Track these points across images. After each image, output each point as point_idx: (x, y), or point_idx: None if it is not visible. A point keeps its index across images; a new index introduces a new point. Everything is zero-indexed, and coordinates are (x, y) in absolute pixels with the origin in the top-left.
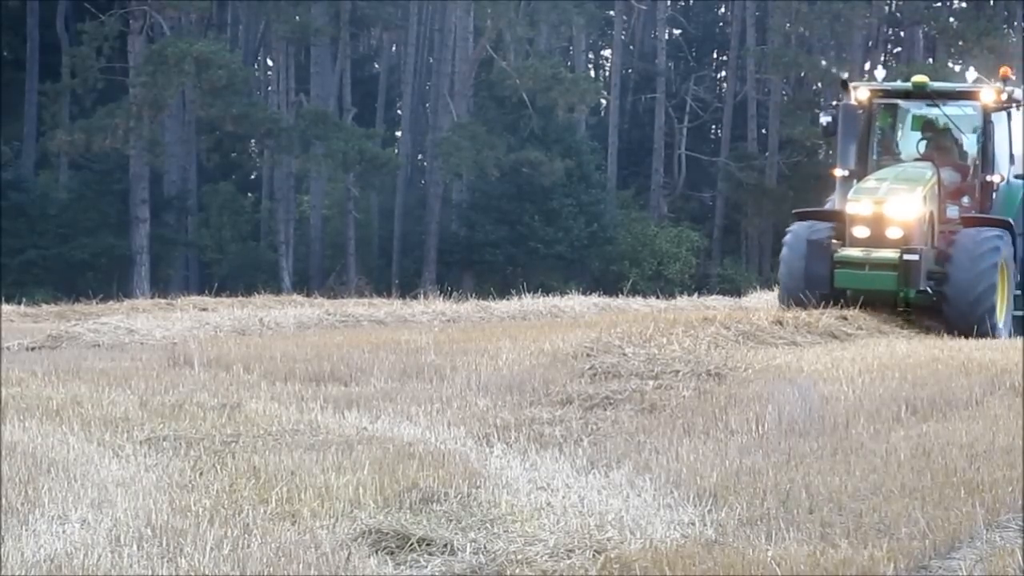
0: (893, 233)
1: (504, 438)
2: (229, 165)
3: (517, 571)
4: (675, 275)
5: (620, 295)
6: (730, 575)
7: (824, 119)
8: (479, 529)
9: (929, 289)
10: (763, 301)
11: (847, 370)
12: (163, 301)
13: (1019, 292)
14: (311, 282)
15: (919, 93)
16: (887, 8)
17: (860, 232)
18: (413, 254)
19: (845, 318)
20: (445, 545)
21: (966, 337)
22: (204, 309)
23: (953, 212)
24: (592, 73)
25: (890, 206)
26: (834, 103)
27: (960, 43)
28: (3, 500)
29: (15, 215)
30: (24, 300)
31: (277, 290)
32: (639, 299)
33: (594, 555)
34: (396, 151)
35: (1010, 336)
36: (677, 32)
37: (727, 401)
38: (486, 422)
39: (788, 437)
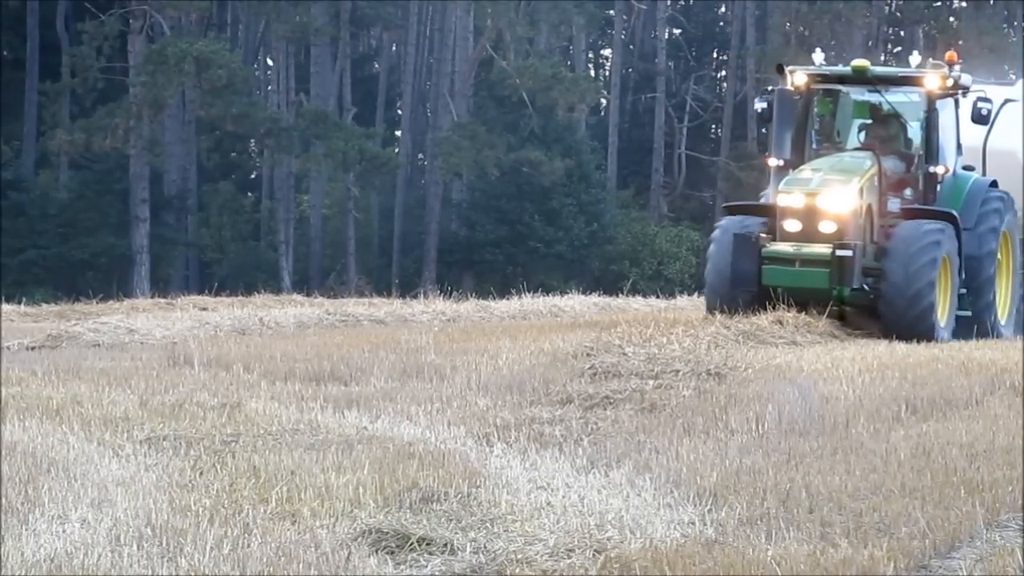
0: (826, 227)
1: (504, 438)
2: (229, 165)
3: (517, 571)
4: (675, 275)
5: (620, 295)
6: (730, 575)
7: (759, 105)
8: (479, 529)
9: (866, 287)
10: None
11: (847, 370)
12: (163, 301)
13: (964, 291)
14: (311, 282)
15: (859, 78)
16: (887, 8)
17: (791, 226)
18: (413, 254)
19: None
20: (445, 545)
21: (905, 340)
22: (204, 309)
23: (895, 205)
24: (592, 73)
25: (823, 198)
26: (769, 88)
27: (960, 43)
28: (3, 500)
29: (15, 215)
30: (24, 300)
31: (277, 290)
32: (639, 299)
33: (594, 555)
34: (396, 151)
35: (951, 338)
36: (677, 32)
37: (727, 401)
38: (486, 422)
39: (788, 437)
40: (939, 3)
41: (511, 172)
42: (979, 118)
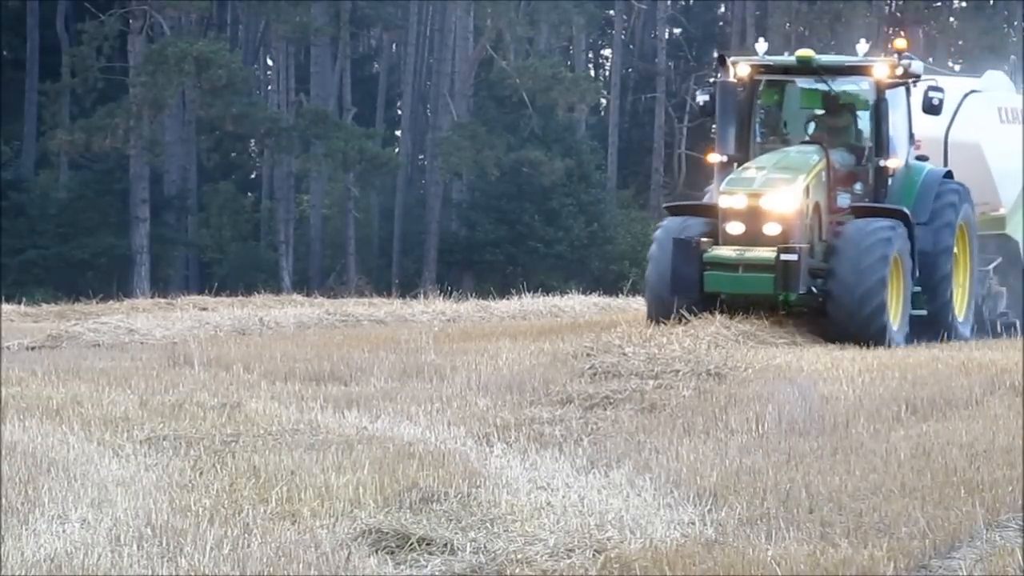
0: (770, 229)
1: (504, 438)
2: (229, 165)
3: (517, 571)
4: None
5: (620, 295)
6: (730, 575)
7: (700, 98)
8: (479, 529)
9: (814, 289)
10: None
11: (847, 370)
12: (163, 301)
13: (918, 289)
14: (311, 282)
15: (804, 68)
16: (887, 8)
17: (734, 229)
18: (413, 254)
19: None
20: (445, 545)
21: (858, 344)
22: (204, 309)
23: (845, 200)
24: (592, 73)
25: (767, 199)
26: (711, 80)
27: (960, 43)
28: (3, 500)
29: (15, 215)
30: (24, 300)
31: (277, 290)
32: (639, 299)
33: (594, 555)
34: (396, 151)
35: (905, 341)
36: (677, 31)
37: (727, 401)
38: (486, 422)
39: (788, 437)
40: (939, 3)
41: (511, 172)
42: (930, 108)
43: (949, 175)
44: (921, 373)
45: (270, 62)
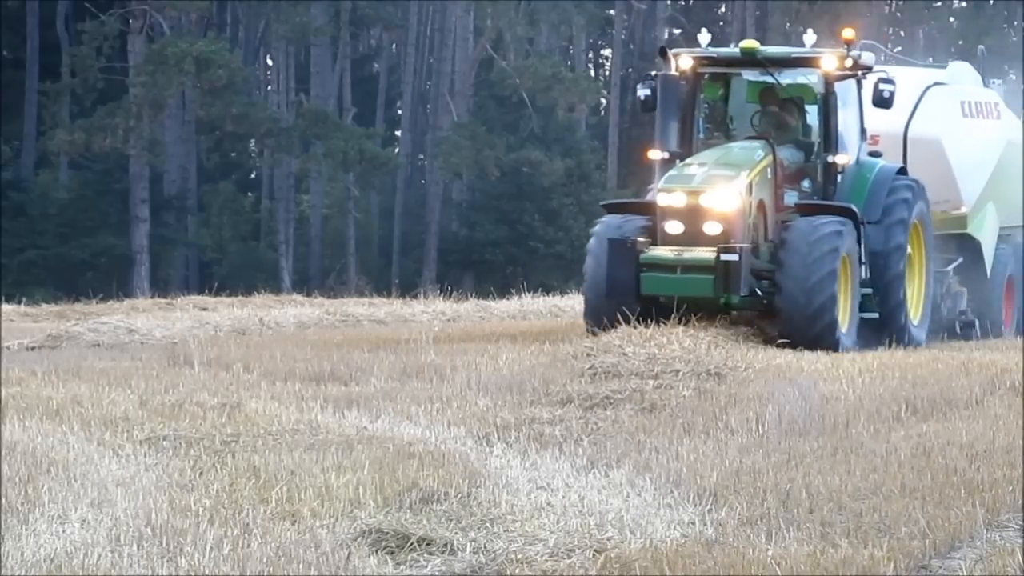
0: (711, 229)
1: (504, 438)
2: (229, 165)
3: (517, 571)
4: None
5: None
6: (730, 575)
7: (642, 92)
8: (479, 529)
9: (758, 291)
10: None
11: (847, 370)
12: (163, 301)
13: (870, 290)
14: (311, 282)
15: (749, 60)
16: (887, 8)
17: (672, 228)
18: (413, 254)
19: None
20: (445, 545)
21: (806, 346)
22: (204, 309)
23: (792, 198)
24: (592, 73)
25: (707, 197)
26: (652, 74)
27: (960, 43)
28: (3, 500)
29: (15, 215)
30: (24, 300)
31: (277, 290)
32: None
33: (594, 555)
34: (396, 151)
35: (855, 344)
36: (677, 32)
37: (727, 401)
38: (486, 422)
39: (788, 437)
40: (939, 3)
41: (511, 172)
42: (880, 101)
43: (903, 171)
44: (921, 373)
45: (270, 62)
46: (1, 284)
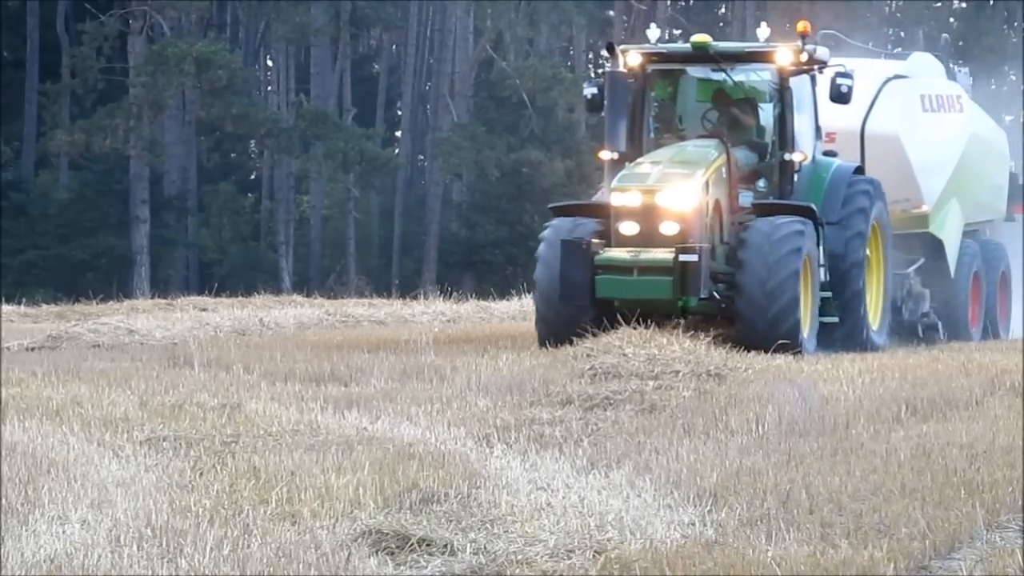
0: (668, 229)
1: (504, 438)
2: (229, 165)
3: (517, 571)
4: None
5: None
6: (730, 575)
7: (588, 91)
8: (479, 529)
9: (716, 294)
10: None
11: (847, 370)
12: (163, 301)
13: (829, 294)
14: (311, 282)
15: (700, 56)
16: (887, 8)
17: (627, 229)
18: (413, 254)
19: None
20: (445, 545)
21: (767, 349)
22: (204, 309)
23: (747, 199)
24: (592, 73)
25: (663, 196)
26: (600, 71)
27: (960, 43)
28: (3, 500)
29: (15, 215)
30: (24, 300)
31: (277, 290)
32: None
33: (594, 555)
34: (396, 151)
35: (815, 349)
36: (677, 32)
37: (727, 401)
38: (486, 422)
39: (788, 437)
40: (939, 3)
41: (511, 172)
42: (838, 96)
43: (859, 171)
44: (921, 374)
45: (270, 62)
46: (1, 284)
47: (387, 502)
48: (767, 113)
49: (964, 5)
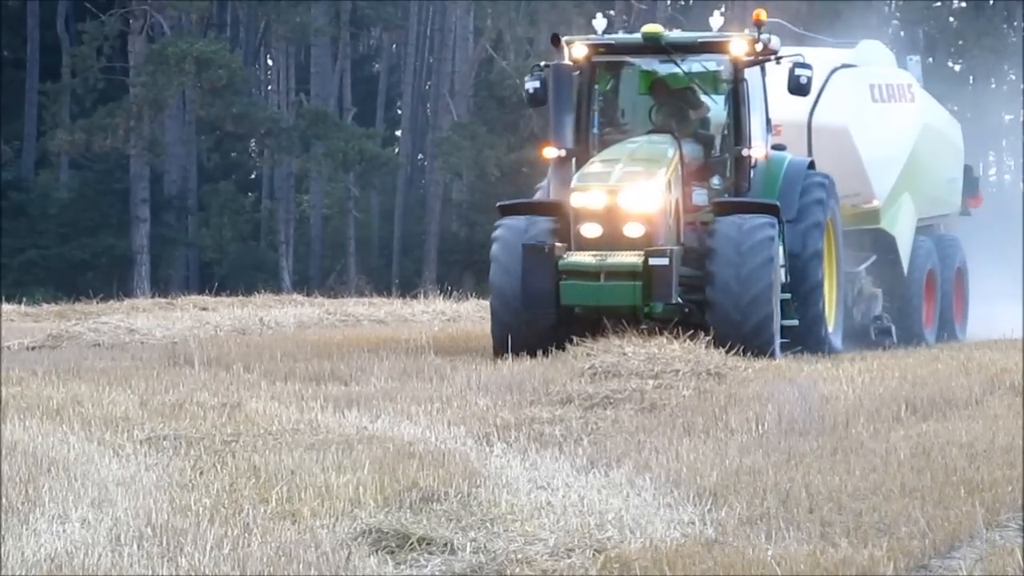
0: (632, 231)
1: (504, 437)
2: (229, 165)
3: (517, 570)
4: None
5: None
6: (730, 575)
7: (530, 85)
8: (479, 528)
9: (679, 299)
10: None
11: (847, 370)
12: (163, 301)
13: (788, 295)
14: (311, 282)
15: (652, 47)
16: (887, 8)
17: (590, 231)
18: (413, 254)
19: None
20: (445, 544)
21: (739, 354)
22: (204, 309)
23: (701, 197)
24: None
25: (627, 195)
26: (542, 64)
27: (960, 43)
28: (3, 499)
29: (15, 215)
30: (24, 300)
31: (277, 290)
32: None
33: (594, 554)
34: (396, 151)
35: (780, 354)
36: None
37: (727, 401)
38: (486, 422)
39: (788, 437)
40: (939, 3)
41: (511, 172)
42: (797, 87)
43: (811, 165)
44: (921, 373)
45: (270, 62)
46: (1, 284)
47: (387, 501)
48: (719, 106)
49: (964, 5)
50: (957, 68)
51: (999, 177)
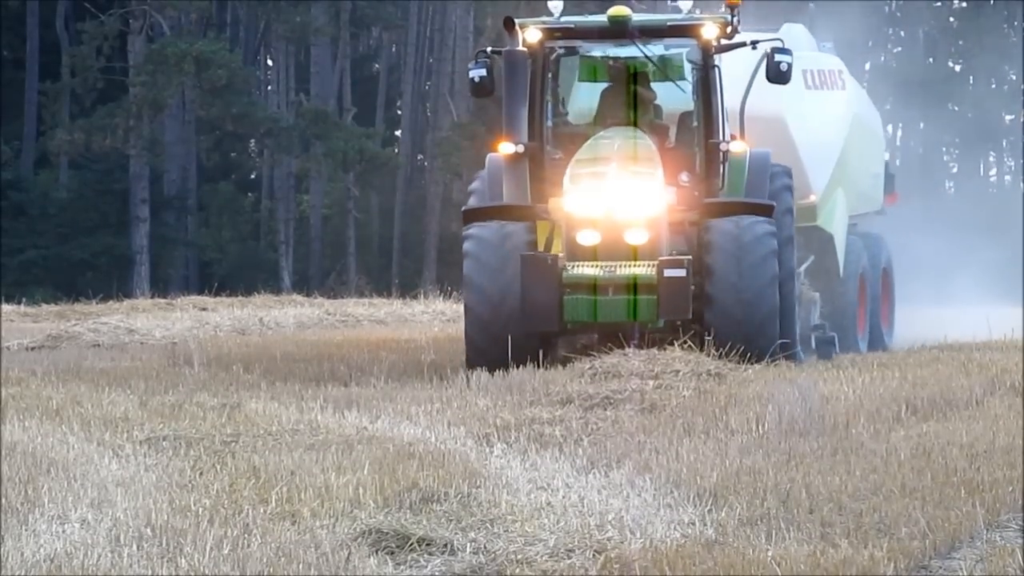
0: (635, 237)
1: (504, 438)
2: (229, 165)
3: (517, 571)
4: None
5: None
6: (730, 575)
7: (475, 73)
8: (479, 529)
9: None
10: None
11: (847, 370)
12: (163, 301)
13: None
14: (311, 282)
15: (613, 31)
16: (887, 8)
17: (587, 238)
18: (413, 254)
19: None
20: (445, 545)
21: (736, 362)
22: (204, 309)
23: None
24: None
25: (631, 200)
26: (489, 50)
27: (960, 43)
28: (3, 500)
29: (15, 215)
30: (24, 300)
31: (277, 290)
32: None
33: (594, 555)
34: (396, 151)
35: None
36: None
37: (727, 401)
38: (486, 422)
39: (788, 437)
40: (939, 3)
41: None
42: (777, 75)
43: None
44: (921, 373)
45: (270, 62)
46: (1, 284)
47: (387, 502)
48: (687, 95)
49: (964, 5)
50: (957, 68)
51: (999, 177)
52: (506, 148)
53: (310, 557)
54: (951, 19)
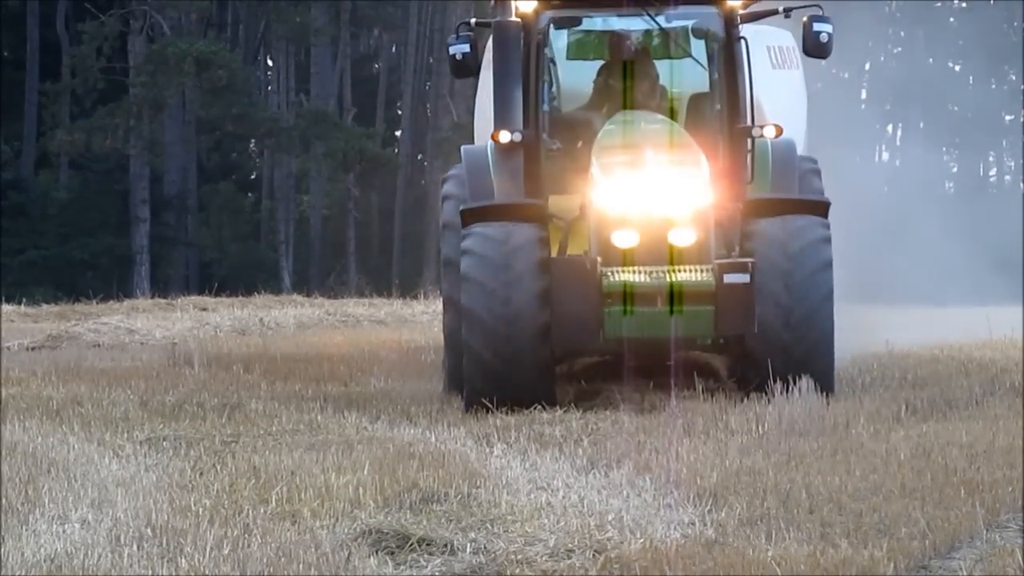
0: (681, 237)
1: (504, 438)
2: (229, 165)
3: (517, 571)
4: None
5: None
6: (730, 575)
7: (456, 50)
8: (479, 529)
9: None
10: None
11: (847, 370)
12: (163, 301)
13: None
14: (311, 282)
15: None
16: (887, 8)
17: (624, 239)
18: (413, 254)
19: None
20: (445, 545)
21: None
22: (204, 309)
23: None
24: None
25: (681, 196)
26: (473, 22)
27: (960, 43)
28: (3, 500)
29: (15, 215)
30: (24, 300)
31: (277, 290)
32: None
33: (594, 555)
34: (396, 151)
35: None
36: None
37: (727, 401)
38: (486, 422)
39: (788, 437)
40: (939, 3)
41: None
42: (817, 48)
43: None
44: (921, 374)
45: (270, 62)
46: (1, 284)
47: (387, 502)
48: (693, 75)
49: (964, 5)
50: (957, 68)
51: (999, 177)
52: (504, 137)
53: (310, 557)
54: (951, 19)
